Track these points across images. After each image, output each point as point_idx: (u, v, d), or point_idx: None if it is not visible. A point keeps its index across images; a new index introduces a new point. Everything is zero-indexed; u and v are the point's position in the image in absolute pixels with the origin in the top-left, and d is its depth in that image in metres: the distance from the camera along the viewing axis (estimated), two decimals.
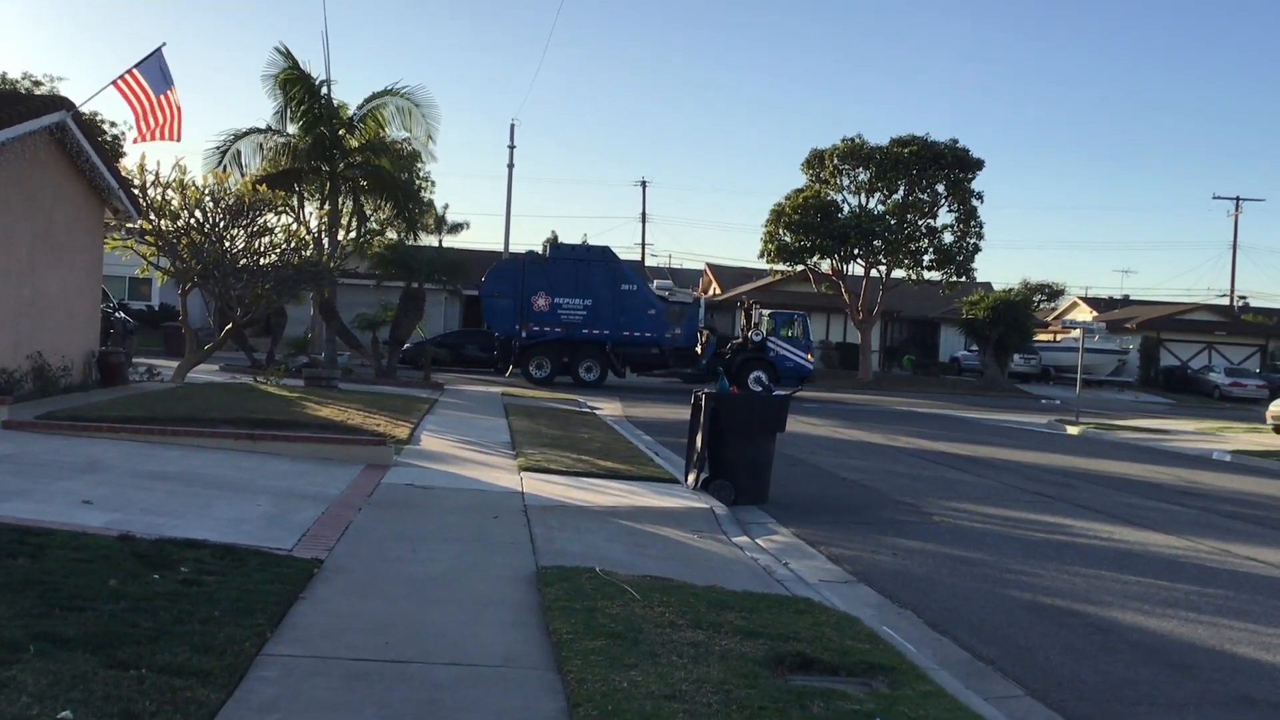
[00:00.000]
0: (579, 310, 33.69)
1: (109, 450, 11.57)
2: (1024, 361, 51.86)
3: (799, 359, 35.30)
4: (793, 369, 34.96)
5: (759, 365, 34.74)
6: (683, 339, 35.09)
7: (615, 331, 33.93)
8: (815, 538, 10.66)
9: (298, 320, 34.93)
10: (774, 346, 35.18)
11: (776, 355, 34.99)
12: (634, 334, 34.24)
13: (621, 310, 33.81)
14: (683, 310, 35.60)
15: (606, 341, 33.96)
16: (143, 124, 17.31)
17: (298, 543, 8.01)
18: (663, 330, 34.56)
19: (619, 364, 34.47)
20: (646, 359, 35.02)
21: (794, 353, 35.22)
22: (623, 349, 34.39)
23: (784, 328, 35.56)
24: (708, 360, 34.90)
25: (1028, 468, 18.75)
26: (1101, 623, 8.09)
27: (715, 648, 6.00)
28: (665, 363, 35.19)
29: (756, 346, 35.34)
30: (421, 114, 28.91)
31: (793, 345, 35.33)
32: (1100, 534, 12.11)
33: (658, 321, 34.48)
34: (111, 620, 5.49)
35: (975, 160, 45.96)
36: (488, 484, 11.92)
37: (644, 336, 34.35)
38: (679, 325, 35.00)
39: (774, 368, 34.66)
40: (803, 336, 35.75)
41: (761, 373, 34.49)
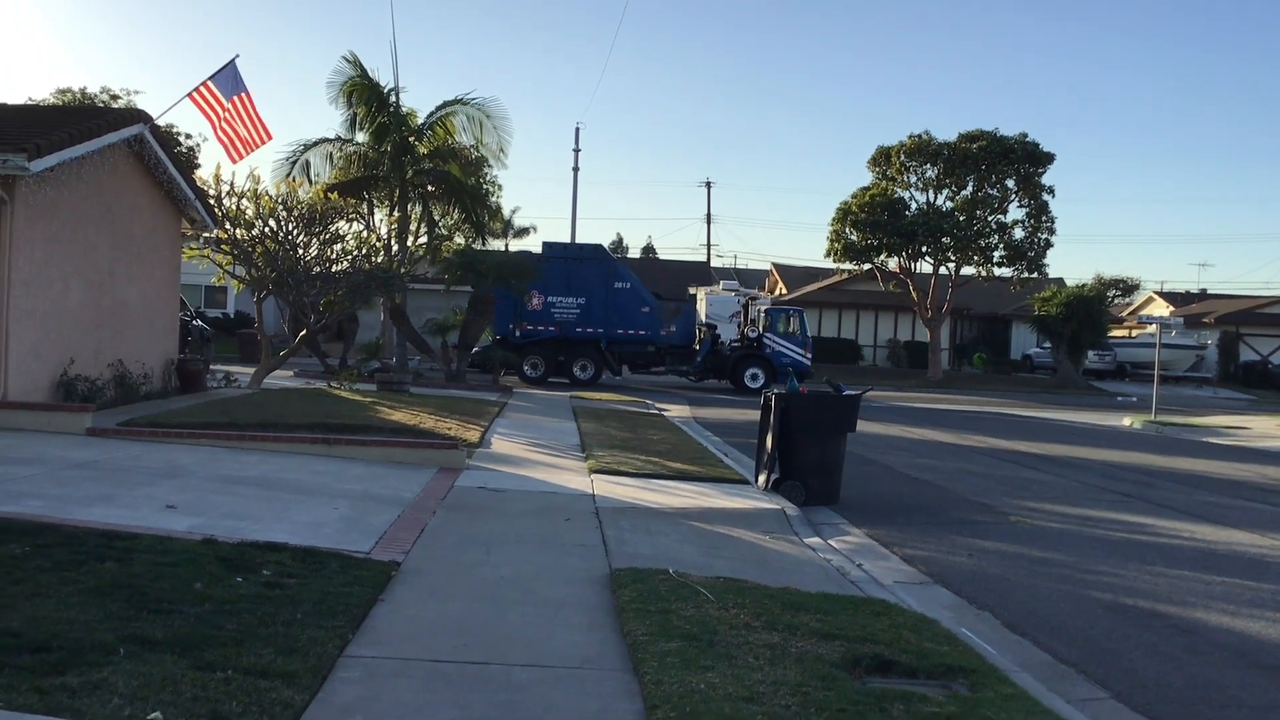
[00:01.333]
0: (572, 309, 33.44)
1: (189, 455, 11.82)
2: (1099, 358, 50.92)
3: (796, 355, 34.69)
4: (789, 365, 34.13)
5: (755, 362, 34.43)
6: (678, 336, 34.77)
7: (609, 330, 33.65)
8: (888, 538, 10.57)
9: (369, 325, 35.41)
10: (770, 343, 34.68)
11: (773, 351, 34.51)
12: (628, 332, 33.93)
13: (615, 308, 33.53)
14: (678, 308, 35.36)
15: (601, 340, 33.68)
16: (228, 140, 17.63)
17: (375, 546, 8.12)
18: (657, 328, 34.23)
19: (615, 362, 34.21)
20: (642, 357, 34.73)
21: (791, 349, 34.64)
22: (618, 347, 34.10)
23: (780, 324, 35.07)
24: (703, 357, 34.67)
25: (1105, 466, 18.42)
26: (1185, 624, 7.93)
27: (791, 649, 5.97)
28: (661, 360, 34.88)
29: (753, 343, 35.02)
30: (493, 125, 29.16)
31: (789, 341, 34.75)
32: (1181, 533, 11.86)
33: (652, 319, 34.18)
34: (198, 622, 5.61)
35: (1046, 154, 45.21)
36: (558, 486, 11.98)
37: (639, 334, 34.07)
38: (674, 323, 34.69)
39: (771, 364, 34.23)
40: (799, 332, 35.15)
41: (758, 369, 34.21)
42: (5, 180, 13.29)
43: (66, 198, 14.74)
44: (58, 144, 13.76)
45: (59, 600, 5.79)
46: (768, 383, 33.67)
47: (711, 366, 34.85)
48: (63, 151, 13.93)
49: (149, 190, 17.70)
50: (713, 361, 34.80)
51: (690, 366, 34.84)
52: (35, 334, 14.23)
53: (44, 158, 13.40)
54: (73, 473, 10.23)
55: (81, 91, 40.86)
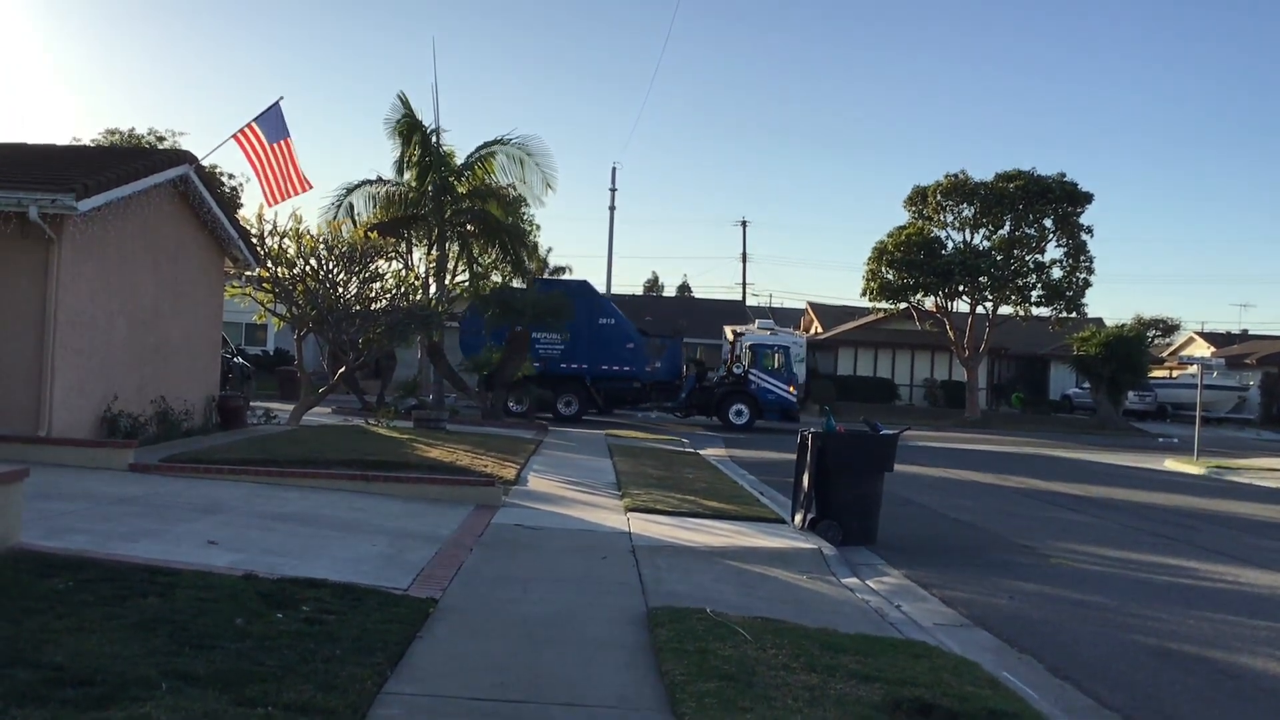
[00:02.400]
0: (556, 344, 33.35)
1: (230, 492, 11.92)
2: (1139, 399, 50.42)
3: (781, 392, 34.43)
4: (775, 402, 34.25)
5: (740, 398, 34.24)
6: (664, 372, 34.73)
7: (594, 365, 33.57)
8: (927, 580, 10.47)
9: (406, 363, 35.61)
10: (755, 379, 34.43)
11: (758, 388, 34.32)
12: (613, 368, 33.84)
13: (599, 344, 33.44)
14: (663, 345, 35.31)
15: (585, 375, 33.62)
16: (268, 184, 17.92)
17: (413, 582, 8.14)
18: (642, 364, 34.14)
19: (599, 398, 34.05)
20: (627, 393, 34.55)
21: (776, 385, 34.39)
22: (603, 383, 33.98)
23: (765, 359, 34.72)
24: (687, 393, 34.56)
25: (1146, 508, 18.18)
26: (1231, 669, 7.80)
27: (830, 691, 5.93)
28: (647, 396, 34.77)
29: (738, 379, 34.77)
30: (535, 162, 29.46)
31: (774, 378, 34.48)
32: (1226, 577, 11.68)
33: (637, 355, 34.08)
34: (239, 658, 5.65)
35: (1084, 194, 45.06)
36: (595, 524, 11.98)
37: (623, 370, 33.96)
38: (659, 359, 34.64)
39: (756, 400, 34.09)
40: (785, 369, 34.76)
41: (743, 405, 34.02)
42: (53, 220, 13.55)
43: (113, 236, 15.00)
44: (105, 184, 14.03)
45: (102, 635, 5.85)
46: (752, 419, 33.96)
47: (697, 403, 34.69)
48: (110, 192, 14.20)
49: (193, 229, 17.97)
50: (698, 398, 34.65)
51: (675, 403, 34.81)
52: (80, 371, 14.44)
53: (91, 198, 13.66)
54: (116, 508, 10.35)
55: (129, 132, 41.70)
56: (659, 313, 53.81)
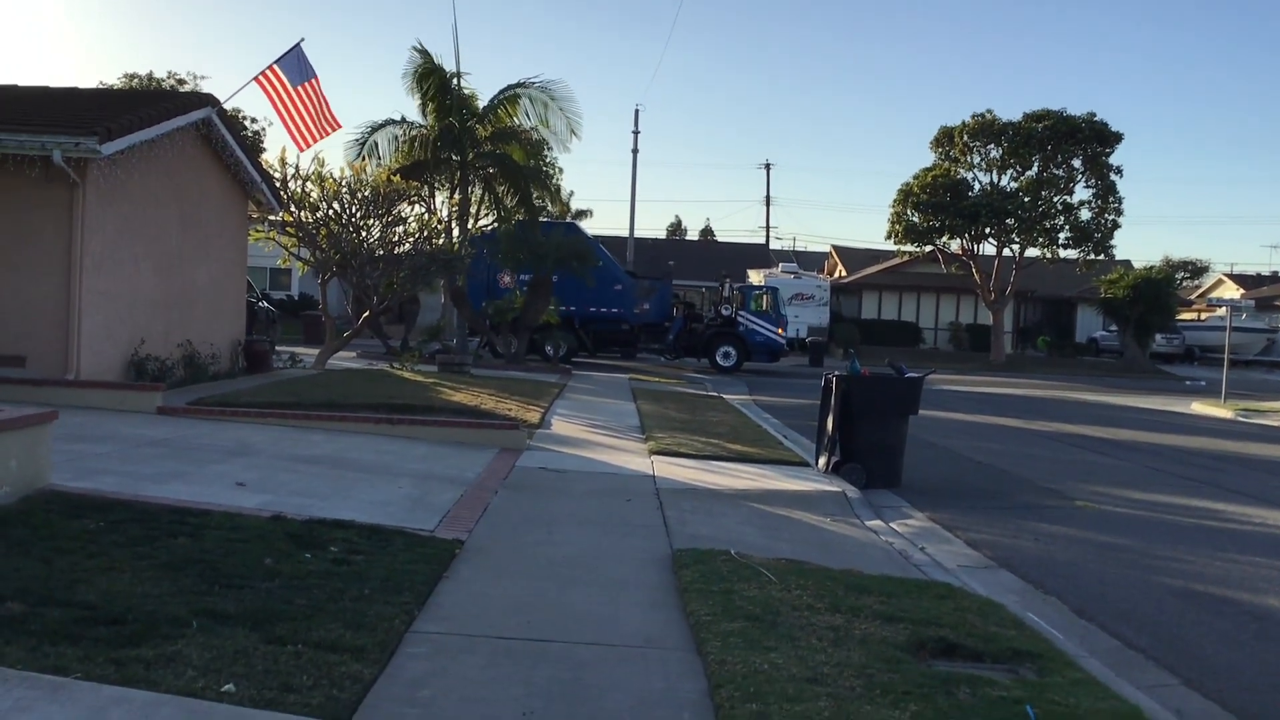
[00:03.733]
0: None
1: (257, 434, 12.01)
2: (1166, 342, 50.06)
3: (769, 333, 34.44)
4: (763, 344, 34.20)
5: (728, 340, 34.16)
6: (652, 315, 34.60)
7: (582, 308, 33.26)
8: (951, 522, 10.47)
9: (430, 307, 35.67)
10: (744, 321, 34.35)
11: (746, 329, 34.25)
12: (601, 310, 33.63)
13: (587, 286, 32.75)
14: (652, 286, 35.09)
15: (574, 318, 33.36)
16: (294, 128, 17.79)
17: (439, 524, 8.20)
18: (631, 306, 33.97)
19: (589, 341, 33.93)
20: (616, 335, 34.41)
21: (764, 327, 34.37)
22: (591, 325, 33.84)
23: (754, 302, 34.74)
24: (675, 335, 34.46)
25: (1174, 451, 18.10)
26: (1258, 610, 7.78)
27: (855, 631, 5.95)
28: (636, 338, 34.65)
29: (726, 321, 34.69)
30: (559, 107, 29.10)
31: (763, 319, 34.46)
32: (1253, 519, 11.63)
33: (625, 297, 33.86)
34: (268, 597, 5.71)
35: (1114, 134, 44.40)
36: (619, 467, 12.01)
37: (611, 312, 33.75)
38: (647, 301, 34.46)
39: (744, 342, 34.06)
40: (773, 310, 34.85)
41: (730, 347, 33.95)
42: (77, 163, 13.56)
43: (136, 180, 15.00)
44: (128, 127, 14.01)
45: (133, 574, 5.91)
46: (739, 361, 33.89)
47: (685, 345, 34.63)
48: (133, 135, 14.18)
49: (216, 173, 17.96)
50: (686, 340, 34.58)
51: (663, 344, 34.79)
52: (106, 315, 14.52)
53: (114, 140, 13.64)
54: (144, 450, 10.44)
55: (148, 76, 41.54)
56: (681, 257, 53.59)
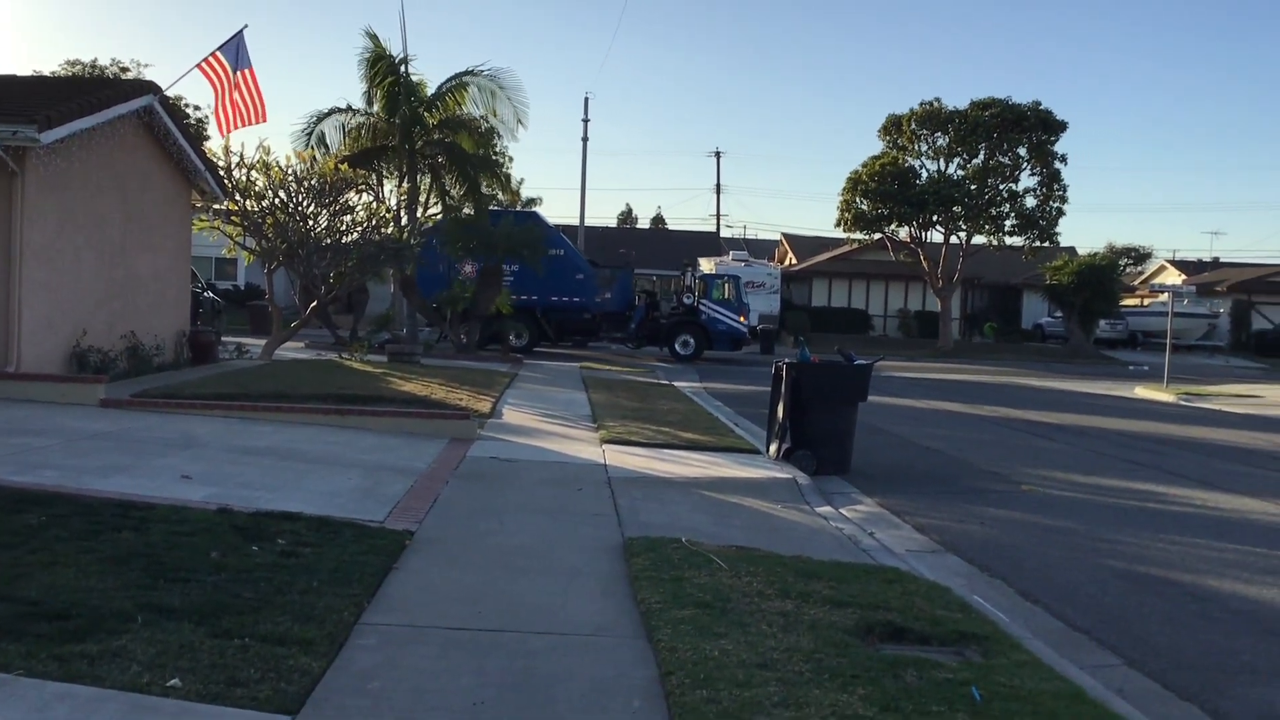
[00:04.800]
0: (505, 276, 32.42)
1: (203, 426, 11.87)
2: (1110, 327, 50.78)
3: (732, 322, 34.27)
4: (726, 332, 34.05)
5: (689, 329, 34.10)
6: (614, 303, 34.60)
7: (544, 296, 33.19)
8: (900, 507, 10.58)
9: (379, 297, 35.37)
10: (706, 309, 34.20)
11: (709, 318, 34.11)
12: (562, 299, 33.56)
13: (549, 275, 32.58)
14: (613, 275, 35.10)
15: (535, 307, 33.35)
16: (223, 111, 17.60)
17: (389, 515, 8.16)
18: (592, 295, 33.91)
19: (551, 330, 33.90)
20: (578, 324, 34.38)
21: (727, 315, 34.18)
22: (554, 314, 33.83)
23: (716, 290, 34.55)
24: (637, 324, 34.40)
25: (1117, 435, 18.40)
26: (1199, 591, 7.93)
27: (804, 617, 6.00)
28: (598, 327, 34.61)
29: (688, 310, 34.64)
30: (506, 95, 28.89)
31: (725, 308, 34.25)
32: (1194, 501, 11.86)
33: (587, 286, 33.83)
34: (214, 591, 5.65)
35: (1059, 122, 44.91)
36: (571, 456, 12.01)
37: (573, 301, 33.72)
38: (609, 290, 34.47)
39: (706, 331, 33.93)
40: (735, 299, 34.63)
41: (689, 336, 33.90)
42: (16, 152, 13.29)
43: (77, 169, 14.74)
44: (68, 115, 13.75)
45: (77, 569, 5.83)
46: (698, 350, 33.80)
47: (648, 334, 34.52)
48: (73, 123, 13.92)
49: (159, 162, 17.68)
50: (649, 329, 34.50)
51: (625, 333, 34.70)
52: (47, 306, 14.26)
53: (54, 129, 13.39)
54: (87, 443, 10.29)
55: (92, 64, 40.77)
56: (632, 245, 53.56)
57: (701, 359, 33.53)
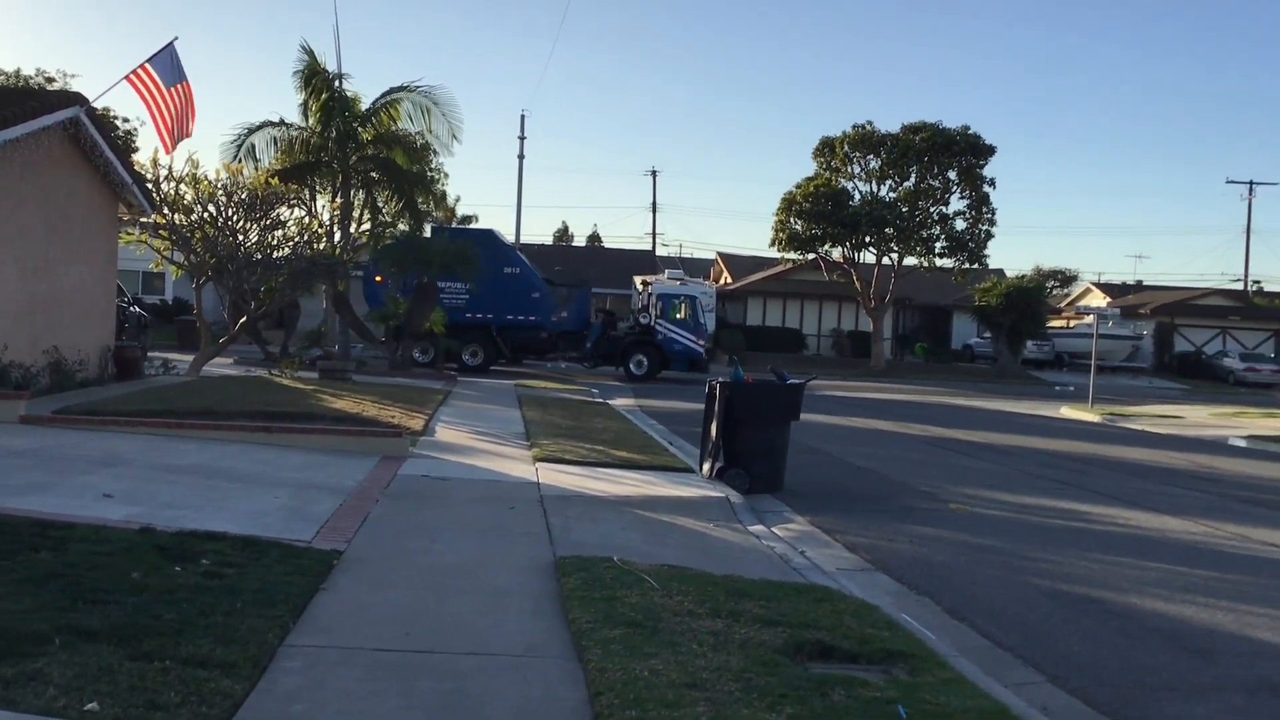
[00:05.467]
0: (461, 294, 32.72)
1: (127, 444, 11.63)
2: (1037, 348, 51.71)
3: (688, 342, 34.05)
4: (682, 353, 33.83)
5: (644, 349, 33.91)
6: (570, 322, 34.51)
7: (499, 315, 33.18)
8: (831, 526, 10.66)
9: (311, 313, 34.98)
10: (662, 329, 33.98)
11: (664, 338, 33.89)
12: (518, 317, 33.48)
13: (505, 293, 32.86)
14: (570, 294, 35.03)
15: (491, 325, 33.27)
16: (165, 128, 17.32)
17: (317, 534, 8.05)
18: (548, 314, 33.85)
19: (506, 348, 33.76)
20: (534, 343, 34.27)
21: (683, 335, 33.98)
22: (510, 333, 33.69)
23: (672, 310, 34.25)
24: (593, 343, 34.25)
25: (1043, 454, 18.71)
26: (1120, 609, 8.08)
27: (735, 636, 6.01)
28: (554, 346, 34.52)
29: (644, 330, 34.27)
30: (440, 112, 28.78)
31: (681, 328, 34.05)
32: (1117, 520, 12.09)
33: (543, 305, 33.74)
34: (135, 612, 5.53)
35: (987, 146, 45.79)
36: (503, 475, 11.94)
37: (529, 320, 33.61)
38: (565, 308, 34.38)
39: (662, 351, 33.77)
40: (691, 319, 34.24)
41: (643, 356, 33.74)
42: None
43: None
44: None
45: None
46: (652, 370, 33.62)
47: (604, 353, 34.33)
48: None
49: (85, 174, 17.34)
50: (605, 347, 34.33)
51: (581, 352, 34.50)
52: None
53: None
54: (6, 461, 10.04)
55: (16, 73, 39.90)
56: (568, 263, 53.56)
57: (657, 379, 33.15)
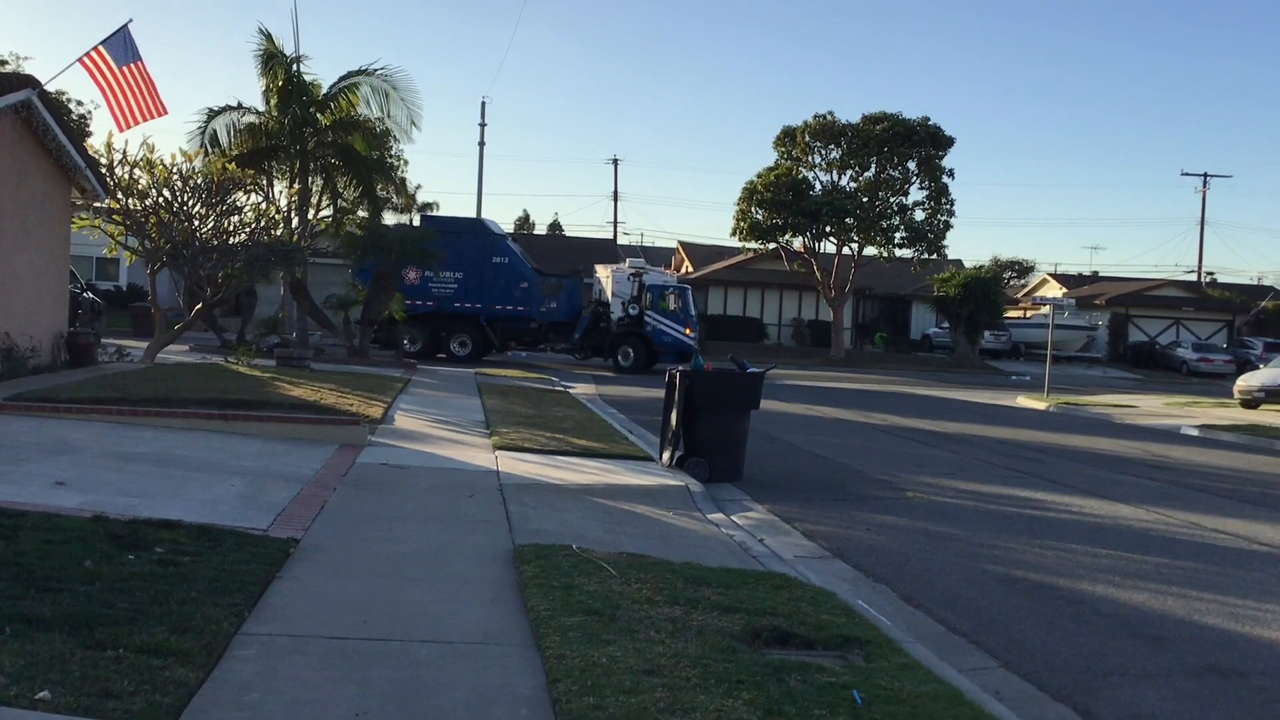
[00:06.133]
0: (450, 283, 32.69)
1: (80, 431, 11.48)
2: (994, 338, 52.20)
3: (677, 334, 33.58)
4: (671, 344, 33.21)
5: (632, 340, 33.49)
6: (560, 313, 34.16)
7: (487, 305, 33.01)
8: (790, 514, 10.72)
9: (268, 300, 34.64)
10: (651, 320, 33.55)
11: (654, 329, 33.49)
12: (506, 308, 33.26)
13: (493, 283, 32.71)
14: (559, 284, 34.64)
15: (480, 315, 33.06)
16: (118, 107, 17.08)
17: (273, 522, 7.99)
18: (537, 304, 33.55)
19: (496, 338, 33.59)
20: (523, 333, 34.13)
21: (672, 327, 33.57)
22: (499, 324, 33.49)
23: (661, 301, 33.84)
24: (581, 334, 33.87)
25: (999, 443, 18.90)
26: (1073, 595, 8.18)
27: (693, 623, 6.04)
28: (544, 337, 34.25)
29: (633, 320, 33.73)
30: (400, 97, 28.48)
31: (670, 319, 33.65)
32: (1071, 508, 12.23)
33: (531, 295, 33.47)
34: (88, 601, 5.47)
35: (947, 138, 46.09)
36: (463, 463, 11.91)
37: (517, 310, 33.39)
38: (555, 299, 34.03)
39: (651, 343, 33.31)
40: (681, 310, 33.92)
41: (630, 347, 33.36)
42: None
43: None
44: None
45: None
46: (638, 361, 33.08)
47: (593, 344, 33.95)
48: None
49: (38, 158, 17.07)
50: (594, 339, 33.97)
51: (569, 344, 34.15)
52: None
53: None
54: None
55: None
56: (529, 251, 53.31)
57: (650, 371, 32.43)
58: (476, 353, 32.93)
